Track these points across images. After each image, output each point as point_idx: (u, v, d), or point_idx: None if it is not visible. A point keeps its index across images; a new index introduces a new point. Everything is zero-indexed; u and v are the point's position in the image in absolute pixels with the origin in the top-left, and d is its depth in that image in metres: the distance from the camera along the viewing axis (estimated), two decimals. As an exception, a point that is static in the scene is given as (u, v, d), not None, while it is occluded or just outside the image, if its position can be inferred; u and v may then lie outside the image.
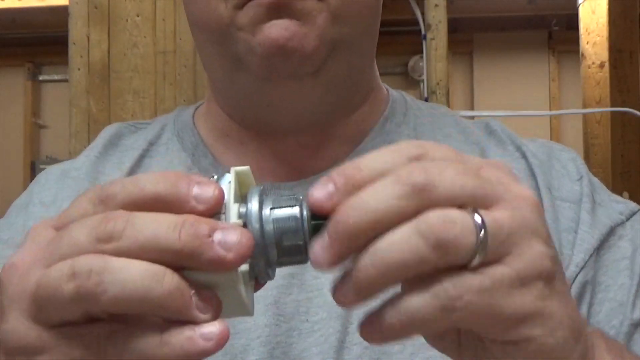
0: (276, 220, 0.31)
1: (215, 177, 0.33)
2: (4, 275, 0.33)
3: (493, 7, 4.10)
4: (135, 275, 0.29)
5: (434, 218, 0.29)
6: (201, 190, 0.31)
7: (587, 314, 0.53)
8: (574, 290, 0.53)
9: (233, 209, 0.32)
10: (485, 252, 0.30)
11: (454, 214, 0.30)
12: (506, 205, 0.31)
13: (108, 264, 0.30)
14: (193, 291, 0.30)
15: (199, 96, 1.65)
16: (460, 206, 0.30)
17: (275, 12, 0.49)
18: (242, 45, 0.51)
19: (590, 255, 0.54)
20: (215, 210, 0.31)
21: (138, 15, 1.69)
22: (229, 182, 0.32)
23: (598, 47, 2.56)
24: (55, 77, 4.59)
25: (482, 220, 0.30)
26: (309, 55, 0.50)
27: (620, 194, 0.63)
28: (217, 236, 0.30)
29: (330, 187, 0.31)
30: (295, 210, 0.32)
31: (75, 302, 0.30)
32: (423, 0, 1.97)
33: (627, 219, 0.56)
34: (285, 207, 0.32)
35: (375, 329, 0.31)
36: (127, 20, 1.69)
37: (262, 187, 0.33)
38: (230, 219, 0.31)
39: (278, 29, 0.49)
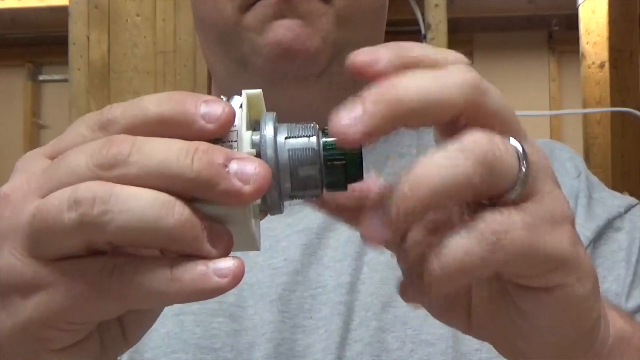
0: (292, 150, 0.29)
1: (225, 98, 0.29)
2: None
3: (493, 7, 4.10)
4: (143, 204, 0.27)
5: (478, 135, 0.28)
6: (210, 108, 0.28)
7: None
8: None
9: (245, 137, 0.29)
10: (527, 182, 0.29)
11: (497, 137, 0.28)
12: (532, 145, 0.31)
13: (114, 191, 0.27)
14: (204, 224, 0.28)
15: (199, 96, 1.66)
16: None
17: (280, 12, 0.50)
18: (247, 45, 0.52)
19: (586, 248, 0.53)
20: (225, 130, 0.29)
21: (138, 15, 1.69)
22: (240, 105, 0.30)
23: (598, 47, 2.56)
24: (55, 77, 4.58)
25: (523, 149, 0.29)
26: (312, 56, 0.51)
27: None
28: (233, 166, 0.27)
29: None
30: (313, 141, 0.30)
31: (77, 233, 0.27)
32: (423, 0, 1.97)
33: (626, 212, 0.57)
34: (301, 136, 0.30)
35: (419, 287, 0.29)
36: (127, 20, 1.69)
37: (274, 113, 0.31)
38: (243, 148, 0.29)
39: (282, 30, 0.50)
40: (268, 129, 0.29)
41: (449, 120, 0.29)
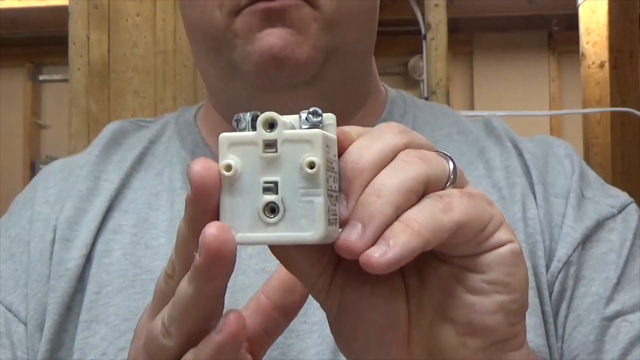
0: None
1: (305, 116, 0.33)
2: None
3: (493, 7, 4.10)
4: None
5: (418, 150, 0.34)
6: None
7: (567, 309, 0.52)
8: (556, 286, 0.53)
9: None
10: (456, 174, 0.34)
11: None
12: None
13: None
14: None
15: (198, 96, 1.66)
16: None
17: (269, 20, 0.49)
18: (237, 52, 0.51)
19: (574, 250, 0.53)
20: None
21: (138, 15, 1.69)
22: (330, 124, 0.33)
23: (598, 47, 2.56)
24: (55, 77, 4.58)
25: (446, 154, 0.35)
26: (303, 64, 0.50)
27: (620, 194, 0.63)
28: None
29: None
30: None
31: None
32: (423, 0, 1.97)
33: (619, 212, 0.56)
34: None
35: (384, 252, 0.31)
36: (127, 20, 1.69)
37: None
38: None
39: (272, 38, 0.49)
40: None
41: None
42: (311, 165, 0.30)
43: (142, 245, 0.55)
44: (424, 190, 0.32)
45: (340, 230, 0.31)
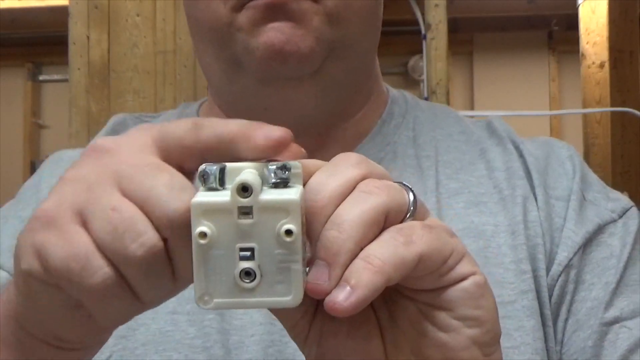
0: None
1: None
2: None
3: (493, 7, 4.10)
4: None
5: (376, 180, 0.33)
6: None
7: (567, 313, 0.52)
8: (557, 290, 0.52)
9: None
10: (417, 205, 0.34)
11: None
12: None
13: None
14: None
15: (199, 96, 1.65)
16: None
17: (272, 13, 0.50)
18: (240, 46, 0.51)
19: (575, 253, 0.53)
20: None
21: (138, 15, 1.69)
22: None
23: (598, 47, 2.56)
24: (55, 77, 4.59)
25: (405, 185, 0.35)
26: (306, 57, 0.50)
27: (620, 194, 0.62)
28: None
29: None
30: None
31: None
32: (423, 0, 1.97)
33: (620, 217, 0.55)
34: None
35: (347, 295, 0.30)
36: (127, 20, 1.69)
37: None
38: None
39: (275, 32, 0.50)
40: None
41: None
42: (289, 233, 0.30)
43: None
44: (384, 220, 0.32)
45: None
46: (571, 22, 3.54)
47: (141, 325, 0.51)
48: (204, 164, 0.31)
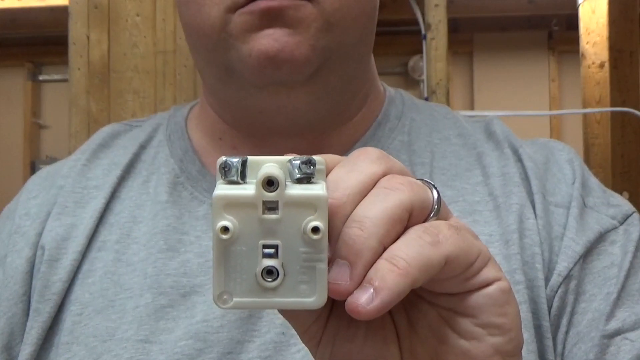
0: None
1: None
2: None
3: (493, 7, 4.10)
4: None
5: (399, 176, 0.32)
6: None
7: (567, 325, 0.51)
8: (556, 301, 0.51)
9: None
10: (440, 205, 0.33)
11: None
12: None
13: None
14: None
15: (198, 96, 1.65)
16: None
17: (268, 20, 0.48)
18: (233, 52, 0.50)
19: (576, 263, 0.51)
20: None
21: (138, 15, 1.69)
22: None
23: (598, 47, 2.56)
24: (55, 77, 4.58)
25: (430, 183, 0.34)
26: (300, 64, 0.49)
27: (620, 194, 0.61)
28: None
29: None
30: None
31: None
32: (423, 0, 1.97)
33: (621, 223, 0.54)
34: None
35: (370, 298, 0.29)
36: (127, 20, 1.69)
37: None
38: None
39: (269, 40, 0.48)
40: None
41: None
42: (316, 231, 0.29)
43: (123, 262, 0.54)
44: (408, 218, 0.31)
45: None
46: (571, 22, 3.54)
47: (113, 355, 0.49)
48: (223, 156, 0.30)
